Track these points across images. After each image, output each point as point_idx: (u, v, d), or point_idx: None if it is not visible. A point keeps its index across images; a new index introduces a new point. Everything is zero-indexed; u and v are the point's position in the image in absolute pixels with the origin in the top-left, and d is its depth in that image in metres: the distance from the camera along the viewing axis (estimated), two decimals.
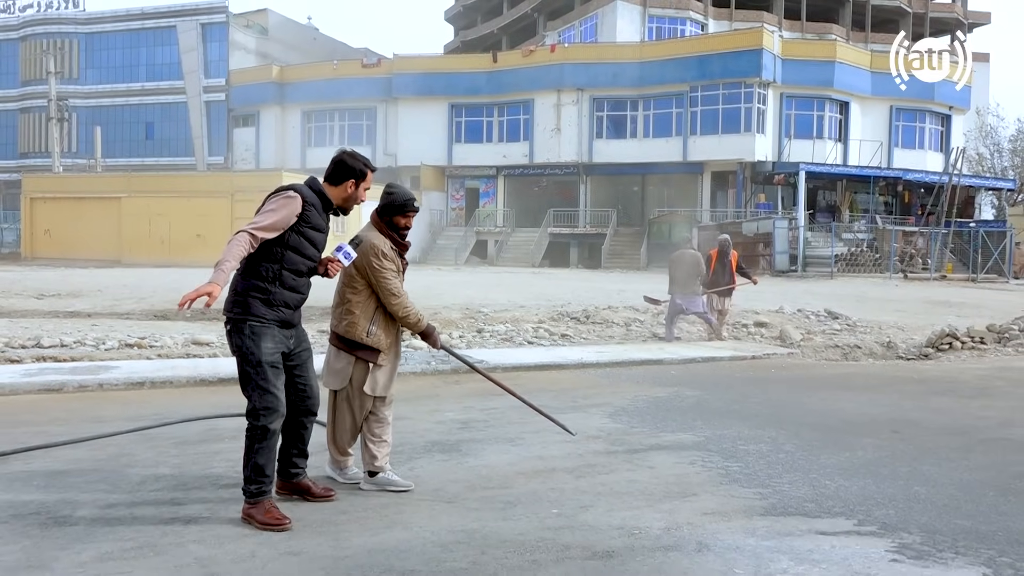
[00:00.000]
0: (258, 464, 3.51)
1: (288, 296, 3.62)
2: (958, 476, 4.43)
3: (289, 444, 3.80)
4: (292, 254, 3.61)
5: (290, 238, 3.59)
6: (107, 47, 48.59)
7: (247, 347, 3.52)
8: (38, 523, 3.40)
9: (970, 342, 12.13)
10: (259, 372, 3.51)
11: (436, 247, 38.76)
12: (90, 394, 6.64)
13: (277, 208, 3.56)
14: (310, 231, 3.67)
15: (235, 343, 3.57)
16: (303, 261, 3.66)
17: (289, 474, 3.83)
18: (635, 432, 5.47)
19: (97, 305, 14.72)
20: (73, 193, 35.32)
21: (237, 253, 3.38)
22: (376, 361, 3.98)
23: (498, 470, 4.41)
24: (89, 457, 4.50)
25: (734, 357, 9.98)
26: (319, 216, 3.73)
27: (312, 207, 3.67)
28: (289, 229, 3.58)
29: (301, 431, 3.81)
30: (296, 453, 3.83)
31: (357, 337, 3.96)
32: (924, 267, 31.76)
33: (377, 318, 3.99)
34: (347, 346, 3.98)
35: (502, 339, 11.37)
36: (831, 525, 3.56)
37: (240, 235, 3.42)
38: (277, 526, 3.42)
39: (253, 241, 3.45)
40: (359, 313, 3.96)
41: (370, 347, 3.97)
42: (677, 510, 3.73)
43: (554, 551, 3.18)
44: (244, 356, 3.54)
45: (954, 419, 6.12)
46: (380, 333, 3.99)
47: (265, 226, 3.49)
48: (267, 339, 3.54)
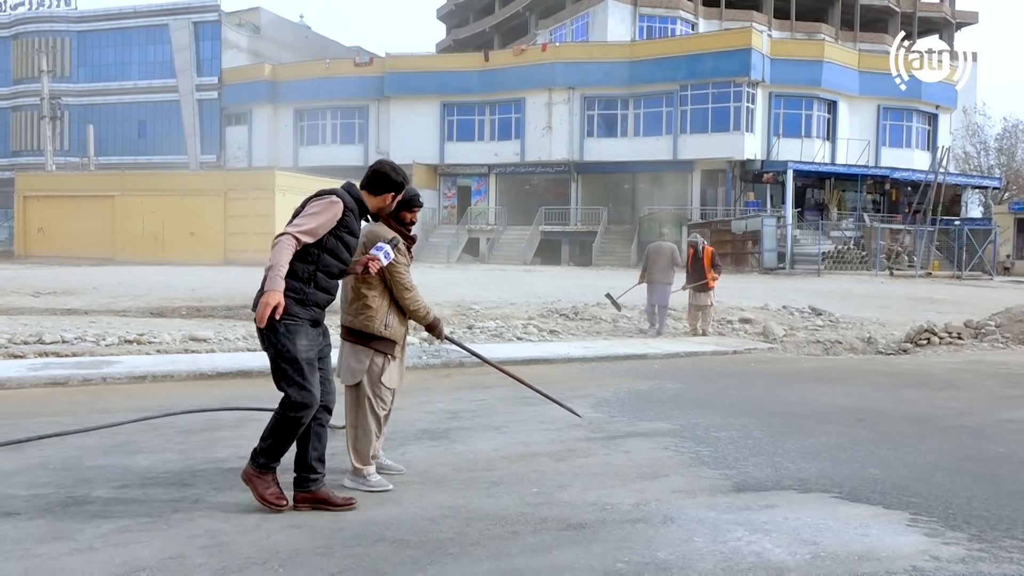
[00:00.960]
0: (278, 444, 3.61)
1: (320, 297, 3.69)
2: (912, 459, 4.76)
3: (307, 444, 3.74)
4: (328, 257, 3.68)
5: (328, 241, 3.66)
6: (99, 45, 48.66)
7: (283, 345, 3.56)
8: (58, 501, 3.69)
9: (948, 337, 12.48)
10: (296, 368, 3.56)
11: (428, 245, 39.03)
12: (94, 387, 6.92)
13: (320, 212, 3.62)
14: (347, 236, 3.74)
15: (270, 340, 3.60)
16: (336, 264, 3.73)
17: (308, 481, 3.73)
18: (614, 421, 5.78)
19: (93, 303, 14.92)
20: (66, 191, 35.45)
21: (286, 256, 3.47)
22: (392, 353, 4.10)
23: (484, 455, 4.71)
24: (99, 444, 4.79)
25: (716, 352, 10.32)
26: (356, 222, 3.80)
27: (351, 212, 3.74)
28: (329, 233, 3.65)
29: (318, 429, 3.78)
30: (315, 456, 3.76)
31: (375, 330, 4.03)
32: (910, 264, 32.20)
33: (392, 311, 4.08)
34: (364, 340, 4.04)
35: (492, 335, 11.64)
36: (787, 500, 3.88)
37: (286, 238, 3.51)
38: (275, 506, 3.58)
39: (297, 244, 3.52)
40: (376, 307, 4.02)
41: (388, 339, 4.06)
42: (647, 489, 4.04)
43: (532, 523, 3.50)
44: (280, 353, 3.58)
45: (918, 409, 6.46)
46: (396, 325, 4.10)
47: (309, 230, 3.57)
48: (302, 336, 3.59)
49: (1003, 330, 12.98)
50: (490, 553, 3.14)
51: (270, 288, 3.39)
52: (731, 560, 3.09)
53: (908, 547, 3.26)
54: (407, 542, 3.25)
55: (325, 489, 3.76)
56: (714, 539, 3.32)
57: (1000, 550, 3.26)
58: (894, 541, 3.33)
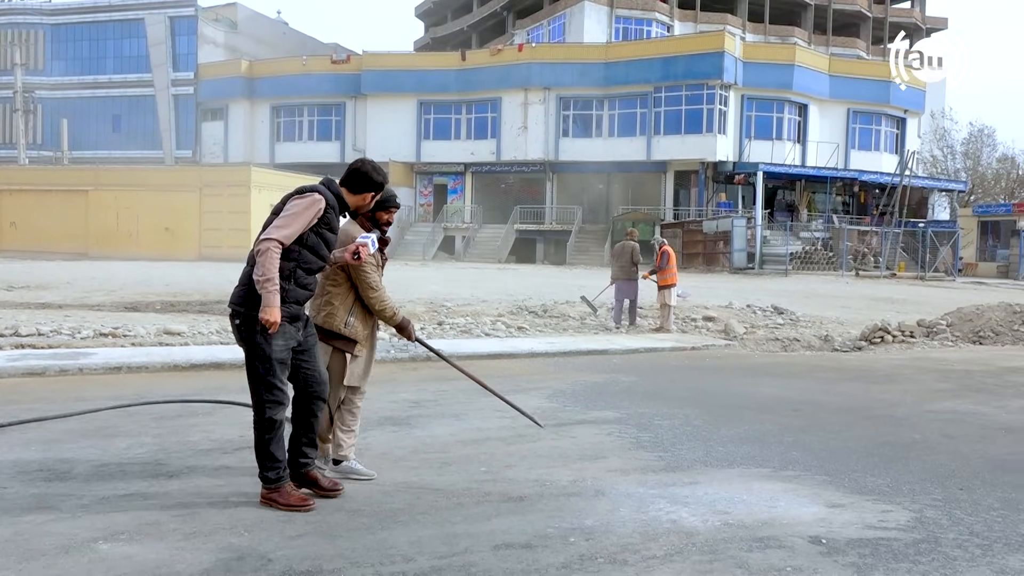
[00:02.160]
0: (270, 452, 3.65)
1: (299, 293, 3.71)
2: (833, 444, 5.19)
3: (299, 432, 3.84)
4: (308, 253, 3.70)
5: (308, 238, 3.68)
6: (74, 39, 48.44)
7: (259, 343, 3.60)
8: (42, 478, 4.01)
9: (900, 336, 13.00)
10: (268, 368, 3.60)
11: (404, 242, 39.28)
12: (71, 377, 7.19)
13: (300, 212, 3.65)
14: (327, 232, 3.77)
15: (245, 337, 3.65)
16: (316, 260, 3.75)
17: (298, 464, 3.83)
18: (567, 410, 6.17)
19: (68, 297, 15.08)
20: (39, 185, 35.30)
21: (275, 265, 3.52)
22: (353, 352, 4.10)
23: (440, 439, 5.08)
24: (79, 428, 5.09)
25: (675, 348, 10.74)
26: (336, 218, 3.83)
27: (332, 209, 3.76)
28: (310, 230, 3.67)
29: (311, 419, 3.84)
30: (306, 442, 3.85)
31: (335, 328, 4.06)
32: (876, 265, 32.95)
33: (355, 310, 4.10)
34: (324, 336, 4.06)
35: (461, 331, 11.98)
36: (709, 478, 4.28)
37: (272, 245, 3.53)
38: (302, 507, 3.61)
39: (282, 248, 3.57)
40: (338, 304, 4.06)
41: (347, 338, 4.08)
42: (586, 468, 4.43)
43: (477, 496, 3.87)
44: (254, 351, 3.62)
45: (852, 400, 6.90)
46: (358, 324, 4.11)
47: (290, 234, 3.60)
48: (278, 336, 3.59)
49: (953, 329, 13.54)
50: (435, 521, 3.51)
51: (268, 304, 3.47)
52: (649, 526, 3.48)
53: (808, 516, 3.67)
54: (361, 511, 3.61)
55: (315, 471, 3.86)
56: (638, 509, 3.71)
57: (888, 517, 3.68)
58: (797, 511, 3.74)
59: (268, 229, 3.62)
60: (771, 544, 3.29)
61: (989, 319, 13.84)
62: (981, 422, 6.03)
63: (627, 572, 2.97)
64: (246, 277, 3.66)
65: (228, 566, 2.95)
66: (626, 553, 3.16)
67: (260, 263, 3.50)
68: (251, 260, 3.64)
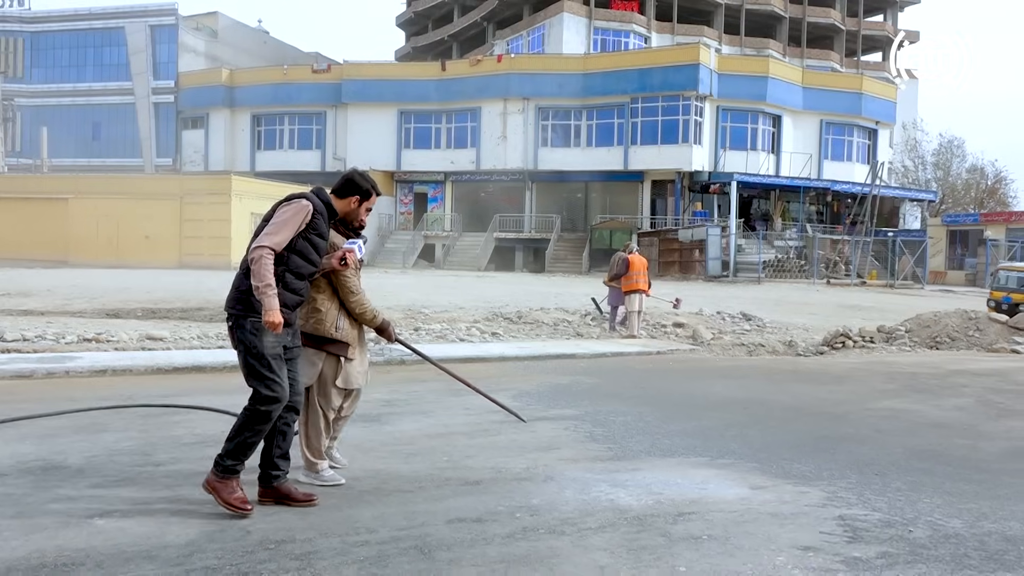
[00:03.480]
0: (245, 443, 3.71)
1: (288, 297, 3.79)
2: (771, 438, 5.63)
3: (271, 444, 3.87)
4: (297, 258, 3.82)
5: (297, 243, 3.81)
6: (53, 47, 48.42)
7: (250, 342, 3.72)
8: (39, 467, 4.37)
9: (861, 341, 13.55)
10: (263, 363, 3.71)
11: (384, 250, 39.61)
12: (58, 380, 7.51)
13: (290, 218, 3.78)
14: (316, 238, 3.89)
15: (238, 338, 3.77)
16: (305, 265, 3.86)
17: (270, 477, 3.86)
18: (529, 408, 6.57)
19: (49, 304, 15.31)
20: (18, 193, 35.32)
21: (271, 271, 3.66)
22: (347, 355, 4.21)
23: (408, 433, 5.47)
24: (69, 425, 5.44)
25: (641, 352, 11.19)
26: (325, 225, 3.95)
27: (320, 215, 3.89)
28: (299, 235, 3.81)
29: (284, 427, 3.89)
30: (279, 454, 3.89)
31: (326, 333, 4.15)
32: (847, 274, 33.67)
33: (342, 314, 4.21)
34: (315, 343, 4.16)
35: (436, 336, 12.35)
36: (651, 466, 4.71)
37: (265, 252, 3.67)
38: (240, 511, 3.63)
39: (274, 255, 3.71)
40: (325, 310, 4.16)
41: (339, 341, 4.19)
42: (540, 458, 4.84)
43: (437, 481, 4.28)
44: (248, 350, 3.73)
45: (799, 400, 7.37)
46: (347, 327, 4.21)
47: (281, 240, 3.74)
48: (268, 334, 3.71)
49: (912, 335, 14.11)
50: (398, 501, 3.91)
51: (269, 308, 3.61)
52: (589, 504, 3.90)
53: (731, 496, 4.11)
54: (332, 493, 4.00)
55: (288, 485, 3.90)
56: (581, 491, 4.13)
57: (803, 496, 4.12)
58: (723, 492, 4.17)
59: (260, 237, 3.75)
60: (694, 518, 3.72)
61: (945, 325, 14.42)
62: (913, 418, 6.51)
63: (564, 541, 3.39)
64: (238, 281, 3.80)
65: (211, 537, 3.33)
66: (565, 526, 3.58)
67: (255, 271, 3.63)
68: (244, 267, 3.76)
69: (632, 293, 13.13)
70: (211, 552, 3.17)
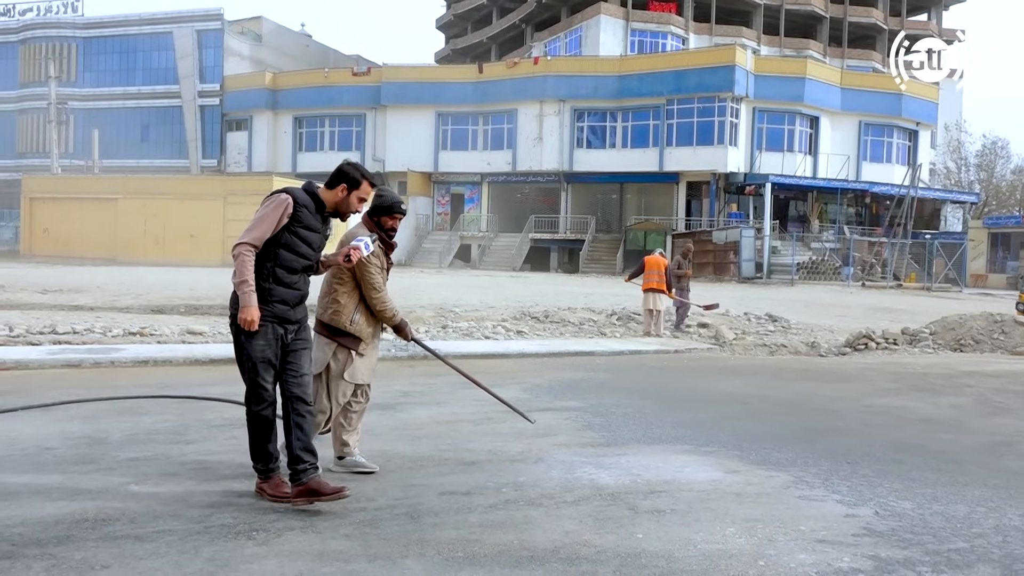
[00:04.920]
0: (254, 445, 3.90)
1: (284, 292, 3.85)
2: (760, 429, 5.96)
3: (291, 436, 3.83)
4: (285, 252, 3.84)
5: (283, 237, 3.83)
6: (105, 51, 50.00)
7: (241, 343, 3.82)
8: (85, 442, 4.90)
9: (884, 343, 13.67)
10: (251, 367, 3.81)
11: (421, 250, 40.29)
12: (104, 369, 8.11)
13: (268, 213, 3.83)
14: (302, 231, 3.88)
15: (233, 333, 3.89)
16: (296, 259, 3.88)
17: (298, 472, 3.79)
18: (537, 400, 6.98)
19: (98, 300, 16.08)
20: (71, 194, 36.75)
21: (249, 267, 3.72)
22: (358, 349, 4.32)
23: (418, 420, 5.92)
24: (112, 408, 5.98)
25: (659, 351, 11.51)
26: (312, 217, 3.92)
27: (304, 208, 3.88)
28: (282, 229, 3.82)
29: (299, 420, 3.85)
30: (300, 447, 3.81)
31: (341, 325, 4.27)
32: (883, 276, 33.43)
33: (360, 309, 4.31)
34: (330, 333, 4.30)
35: (463, 334, 12.79)
36: (636, 451, 5.08)
37: (244, 249, 3.74)
38: (284, 499, 3.80)
39: (255, 250, 3.77)
40: (344, 303, 4.28)
41: (352, 335, 4.29)
42: (536, 443, 5.25)
43: (437, 461, 4.71)
44: (238, 350, 3.86)
45: (800, 396, 7.66)
46: (363, 323, 4.31)
47: (260, 235, 3.79)
48: (259, 337, 3.75)
49: (936, 337, 14.18)
50: (398, 476, 4.35)
51: (245, 304, 3.68)
52: (570, 482, 4.30)
53: (704, 478, 4.47)
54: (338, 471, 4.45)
55: (316, 480, 3.79)
56: (566, 471, 4.52)
57: (771, 480, 4.46)
58: (697, 475, 4.54)
59: (241, 234, 3.83)
60: (663, 496, 4.09)
61: (971, 327, 14.46)
62: (904, 415, 6.77)
63: (539, 511, 3.79)
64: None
65: (229, 501, 3.80)
66: (544, 499, 3.98)
67: (235, 268, 3.72)
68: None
69: (649, 292, 13.44)
70: (227, 513, 3.63)
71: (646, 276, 13.58)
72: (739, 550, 3.32)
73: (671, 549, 3.31)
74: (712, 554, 3.27)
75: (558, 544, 3.34)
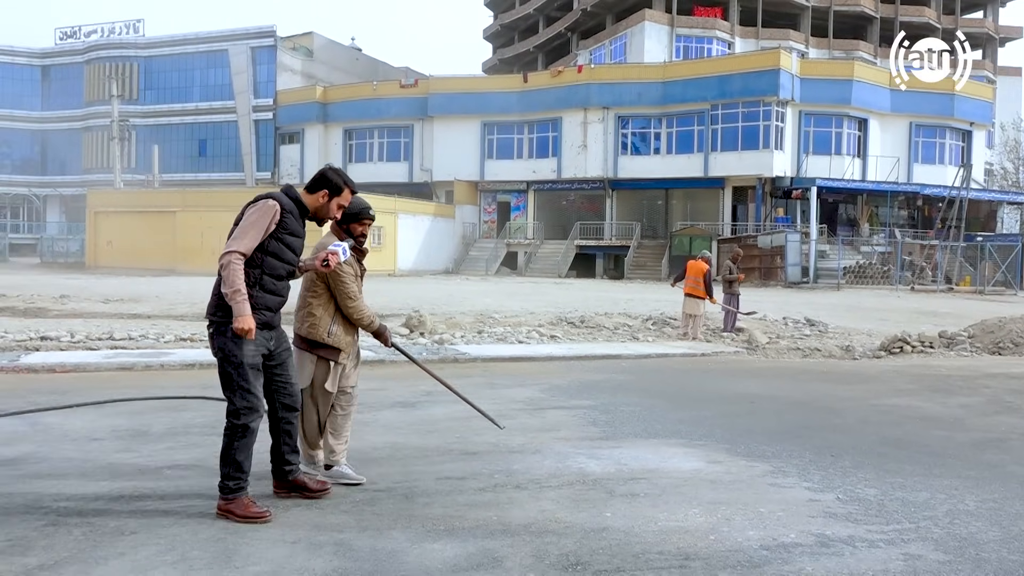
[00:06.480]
0: (237, 460, 3.75)
1: (268, 299, 3.82)
2: (757, 426, 6.23)
3: (278, 442, 3.98)
4: (272, 259, 3.81)
5: (270, 244, 3.79)
6: (164, 69, 52.04)
7: (229, 349, 3.71)
8: (128, 434, 5.44)
9: (920, 346, 13.64)
10: (240, 373, 3.72)
11: (469, 258, 40.96)
12: (154, 372, 8.73)
13: (256, 220, 3.76)
14: (288, 237, 3.86)
15: (217, 345, 3.76)
16: (282, 265, 3.86)
17: (283, 472, 4.02)
18: (552, 399, 7.34)
19: (155, 309, 16.95)
20: (133, 208, 38.37)
21: (241, 276, 3.65)
22: (337, 360, 4.29)
23: (434, 416, 6.34)
24: (157, 406, 6.54)
25: (685, 354, 11.74)
26: (296, 222, 3.91)
27: (289, 214, 3.85)
28: (269, 236, 3.77)
29: (287, 427, 3.97)
30: (287, 450, 3.99)
31: (319, 337, 4.24)
32: (933, 279, 32.85)
33: (337, 319, 4.28)
34: (309, 346, 4.27)
35: (497, 339, 13.19)
36: (631, 444, 5.42)
37: (234, 258, 3.65)
38: (258, 518, 3.65)
39: (244, 259, 3.70)
40: (320, 315, 4.25)
41: (331, 346, 4.27)
42: (538, 437, 5.62)
43: (441, 452, 5.12)
44: (226, 358, 3.73)
45: (809, 396, 7.87)
46: (340, 333, 4.28)
47: (250, 244, 3.72)
48: (248, 343, 3.69)
49: (974, 340, 14.09)
50: (402, 464, 4.78)
51: (239, 313, 3.61)
52: (560, 471, 4.67)
53: (686, 467, 4.80)
54: (351, 459, 4.89)
55: (302, 476, 4.05)
56: (559, 461, 4.89)
57: (750, 469, 4.76)
58: (681, 465, 4.86)
59: (228, 242, 3.74)
60: (642, 482, 4.44)
61: (1010, 331, 14.32)
62: (907, 413, 6.95)
63: (523, 494, 4.17)
64: (216, 288, 3.77)
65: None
66: (530, 484, 4.36)
67: (225, 277, 3.63)
68: (220, 273, 3.71)
69: (688, 297, 13.69)
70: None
71: (686, 281, 13.87)
72: (696, 527, 3.66)
73: (633, 525, 3.67)
74: (669, 529, 3.61)
75: (532, 520, 3.72)
